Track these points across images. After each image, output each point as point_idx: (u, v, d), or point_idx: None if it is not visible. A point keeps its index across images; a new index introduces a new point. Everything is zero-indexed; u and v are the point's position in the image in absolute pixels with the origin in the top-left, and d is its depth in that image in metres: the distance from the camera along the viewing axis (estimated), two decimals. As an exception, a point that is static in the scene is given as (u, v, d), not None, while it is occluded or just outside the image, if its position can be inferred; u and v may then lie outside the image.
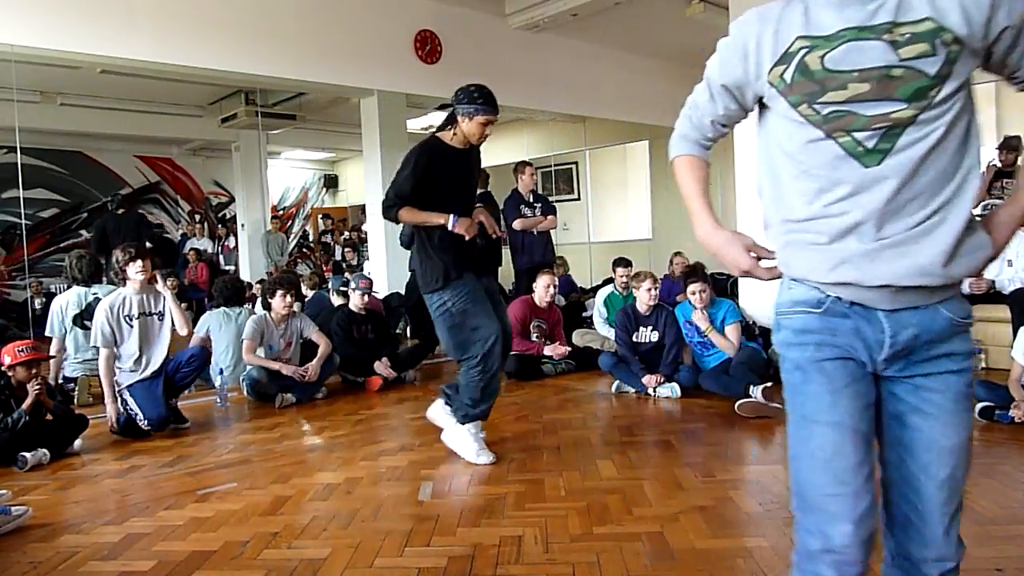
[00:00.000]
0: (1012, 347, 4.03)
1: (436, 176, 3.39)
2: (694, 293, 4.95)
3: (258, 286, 8.28)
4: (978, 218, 1.34)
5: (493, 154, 12.80)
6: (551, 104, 8.75)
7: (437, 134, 3.53)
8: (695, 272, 5.25)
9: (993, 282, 5.23)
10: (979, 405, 3.90)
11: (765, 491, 3.01)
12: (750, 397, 4.24)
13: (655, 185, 11.33)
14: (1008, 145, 6.60)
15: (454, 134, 3.47)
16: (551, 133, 12.24)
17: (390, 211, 3.40)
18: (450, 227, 3.30)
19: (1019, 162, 6.59)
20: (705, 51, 1.54)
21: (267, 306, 5.30)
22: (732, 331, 4.90)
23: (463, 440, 3.54)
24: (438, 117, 12.47)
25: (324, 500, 3.10)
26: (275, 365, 5.12)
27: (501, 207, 6.79)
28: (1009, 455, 3.38)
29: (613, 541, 2.52)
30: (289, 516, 2.92)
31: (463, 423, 3.54)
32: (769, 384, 4.30)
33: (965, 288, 5.25)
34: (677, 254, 7.43)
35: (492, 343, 3.37)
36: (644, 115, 9.57)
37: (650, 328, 5.10)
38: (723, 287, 7.29)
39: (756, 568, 2.26)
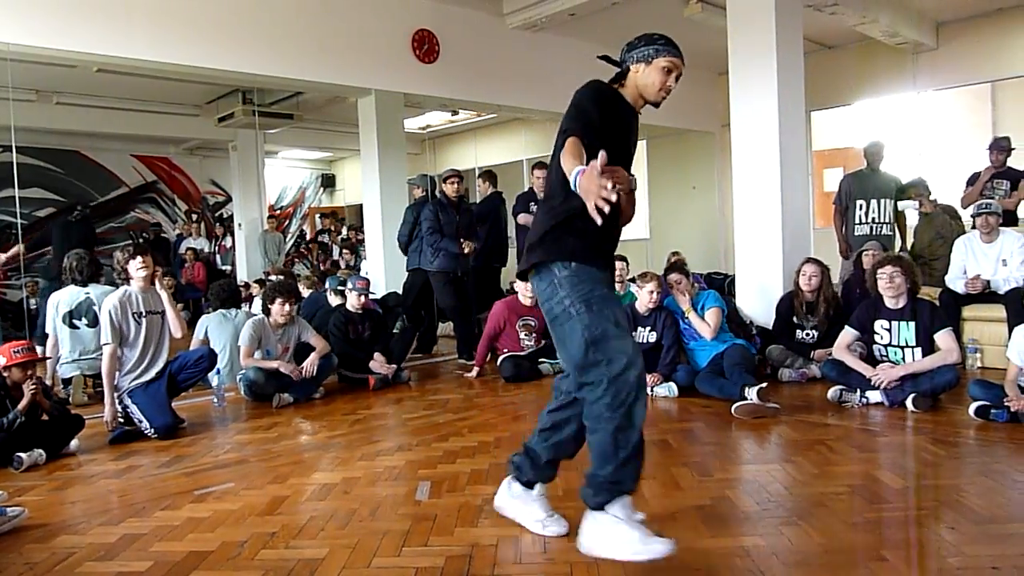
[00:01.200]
0: (1007, 347, 4.05)
1: (607, 123, 2.47)
2: (678, 282, 5.09)
3: (255, 286, 8.29)
4: (972, 217, 1.34)
5: (489, 154, 12.84)
6: (549, 104, 8.74)
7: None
8: (675, 266, 5.29)
9: (988, 282, 5.25)
10: (975, 404, 3.90)
11: (762, 490, 3.01)
12: (746, 399, 4.24)
13: (652, 184, 11.34)
14: (999, 146, 6.63)
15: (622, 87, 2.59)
16: (549, 133, 12.19)
17: (564, 134, 2.38)
18: (572, 181, 2.07)
19: (1008, 163, 6.62)
20: (703, 51, 1.54)
21: (266, 310, 5.30)
22: (712, 315, 4.97)
23: (614, 534, 2.21)
24: (436, 117, 12.52)
25: (321, 500, 3.10)
26: (273, 364, 5.11)
27: (513, 204, 6.79)
28: (1005, 454, 3.38)
29: (611, 541, 2.52)
30: (286, 516, 2.91)
31: (601, 506, 2.25)
32: (764, 385, 4.31)
33: (961, 288, 5.28)
34: (675, 254, 7.44)
35: (624, 366, 2.18)
36: (642, 114, 9.57)
37: (648, 328, 5.11)
38: (720, 286, 7.31)
39: (753, 567, 2.26)
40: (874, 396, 4.31)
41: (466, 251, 6.37)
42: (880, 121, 9.21)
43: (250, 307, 6.79)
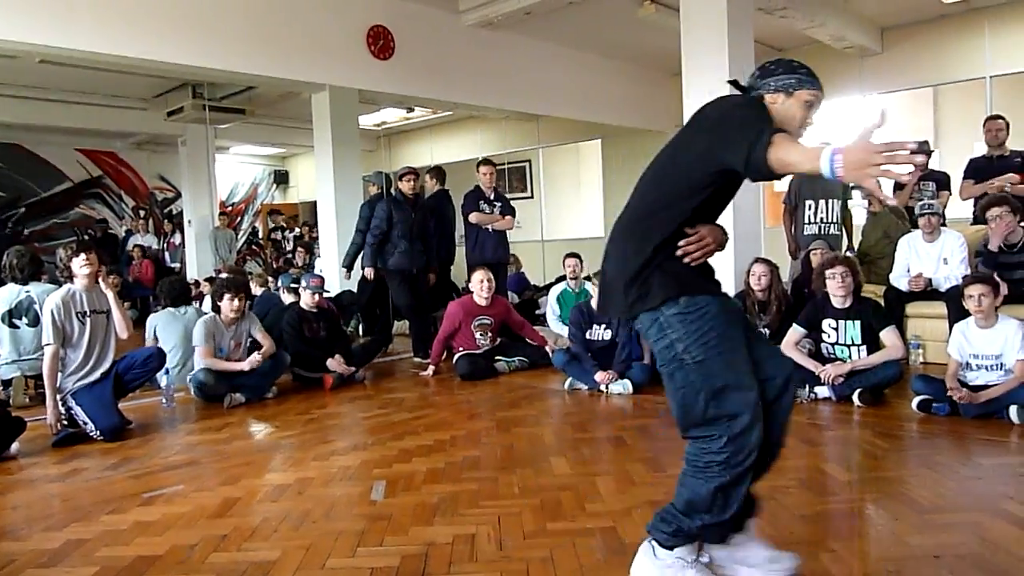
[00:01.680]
0: (948, 342, 4.19)
1: None
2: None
3: (205, 284, 8.13)
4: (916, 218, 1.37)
5: (445, 151, 12.80)
6: (504, 102, 8.76)
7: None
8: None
9: (930, 280, 5.42)
10: (917, 398, 4.03)
11: (715, 485, 3.06)
12: None
13: (607, 183, 11.42)
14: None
15: None
16: (504, 131, 12.26)
17: (759, 150, 1.82)
18: (829, 164, 1.68)
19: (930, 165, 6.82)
20: (657, 52, 1.55)
21: (216, 307, 5.20)
22: None
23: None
24: (392, 114, 12.43)
25: (274, 501, 3.06)
26: (234, 366, 5.02)
27: (462, 203, 6.78)
28: (946, 446, 3.50)
29: (567, 536, 2.54)
30: (238, 518, 2.86)
31: (669, 544, 2.08)
32: None
33: (904, 286, 5.44)
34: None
35: (748, 423, 1.94)
36: (597, 114, 9.64)
37: (603, 326, 5.15)
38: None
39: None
40: (822, 391, 4.41)
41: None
42: (828, 123, 9.42)
43: (200, 305, 6.66)
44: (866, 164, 1.64)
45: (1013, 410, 3.71)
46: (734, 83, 2.20)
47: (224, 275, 6.63)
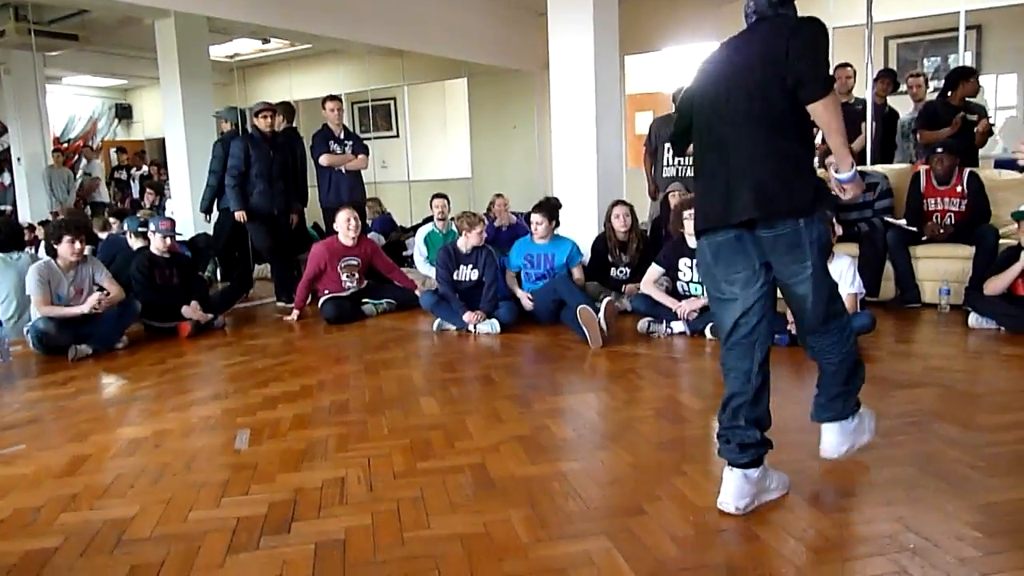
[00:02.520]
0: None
1: None
2: (538, 224, 5.28)
3: (40, 228, 7.47)
4: None
5: (305, 87, 12.24)
6: (367, 36, 8.41)
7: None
8: (541, 205, 5.38)
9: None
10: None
11: (579, 418, 3.20)
12: (600, 305, 4.57)
13: (474, 124, 11.33)
14: None
15: None
16: (368, 67, 11.84)
17: (822, 80, 2.15)
18: (851, 174, 2.28)
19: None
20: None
21: (52, 251, 4.79)
22: (577, 271, 5.26)
23: (864, 423, 2.47)
24: (246, 45, 11.69)
25: (129, 456, 2.91)
26: (74, 311, 4.66)
27: (310, 144, 6.53)
28: (786, 374, 3.78)
29: (436, 475, 2.58)
30: (89, 476, 2.71)
31: (856, 407, 2.44)
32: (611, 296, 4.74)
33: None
34: (498, 196, 7.52)
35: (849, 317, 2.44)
36: (463, 52, 9.47)
37: (471, 266, 5.18)
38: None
39: (570, 489, 2.41)
40: (678, 326, 4.67)
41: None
42: (687, 67, 9.74)
43: (36, 251, 6.11)
44: (853, 193, 2.36)
45: (843, 338, 4.07)
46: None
47: (62, 217, 6.12)
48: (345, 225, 5.67)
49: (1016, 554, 1.91)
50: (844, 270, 4.19)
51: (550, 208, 5.36)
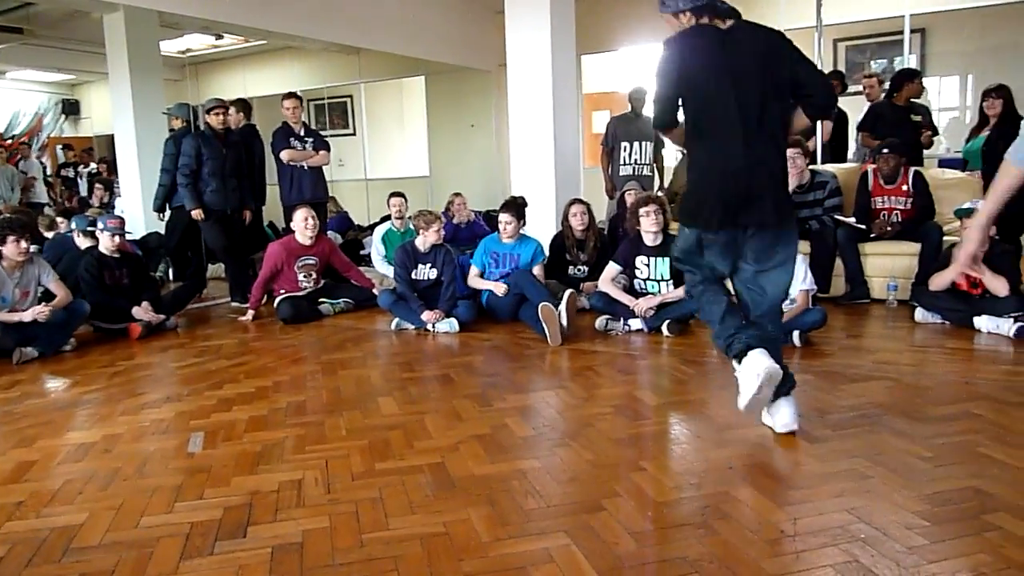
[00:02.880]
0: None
1: None
2: (507, 223, 5.20)
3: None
4: None
5: (260, 84, 12.04)
6: (323, 32, 8.31)
7: None
8: (509, 205, 5.33)
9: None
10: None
11: (538, 416, 3.21)
12: (562, 302, 4.56)
13: (432, 122, 11.28)
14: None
15: None
16: (324, 64, 11.69)
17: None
18: None
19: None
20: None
21: (-5, 253, 4.63)
22: (538, 269, 5.19)
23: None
24: (198, 40, 11.47)
25: (78, 461, 2.84)
26: (15, 317, 4.52)
27: (270, 141, 6.43)
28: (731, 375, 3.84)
29: (395, 475, 2.56)
30: (35, 483, 2.64)
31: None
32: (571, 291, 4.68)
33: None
34: (457, 195, 7.50)
35: None
36: (420, 49, 9.42)
37: (429, 265, 5.16)
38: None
39: (529, 487, 2.42)
40: (635, 324, 4.71)
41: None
42: (642, 68, 9.81)
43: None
44: None
45: (795, 335, 4.15)
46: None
47: (6, 216, 5.92)
48: (303, 224, 5.59)
49: (961, 541, 1.97)
50: (796, 267, 4.27)
51: (518, 208, 5.35)
